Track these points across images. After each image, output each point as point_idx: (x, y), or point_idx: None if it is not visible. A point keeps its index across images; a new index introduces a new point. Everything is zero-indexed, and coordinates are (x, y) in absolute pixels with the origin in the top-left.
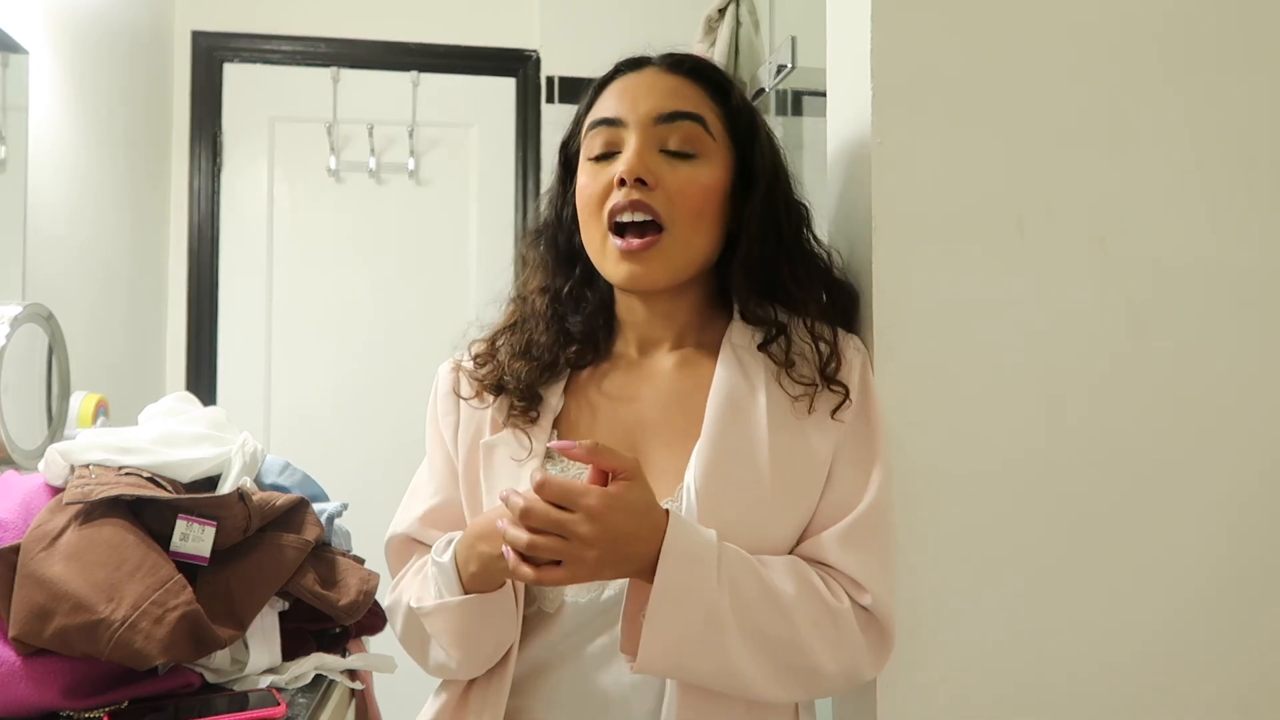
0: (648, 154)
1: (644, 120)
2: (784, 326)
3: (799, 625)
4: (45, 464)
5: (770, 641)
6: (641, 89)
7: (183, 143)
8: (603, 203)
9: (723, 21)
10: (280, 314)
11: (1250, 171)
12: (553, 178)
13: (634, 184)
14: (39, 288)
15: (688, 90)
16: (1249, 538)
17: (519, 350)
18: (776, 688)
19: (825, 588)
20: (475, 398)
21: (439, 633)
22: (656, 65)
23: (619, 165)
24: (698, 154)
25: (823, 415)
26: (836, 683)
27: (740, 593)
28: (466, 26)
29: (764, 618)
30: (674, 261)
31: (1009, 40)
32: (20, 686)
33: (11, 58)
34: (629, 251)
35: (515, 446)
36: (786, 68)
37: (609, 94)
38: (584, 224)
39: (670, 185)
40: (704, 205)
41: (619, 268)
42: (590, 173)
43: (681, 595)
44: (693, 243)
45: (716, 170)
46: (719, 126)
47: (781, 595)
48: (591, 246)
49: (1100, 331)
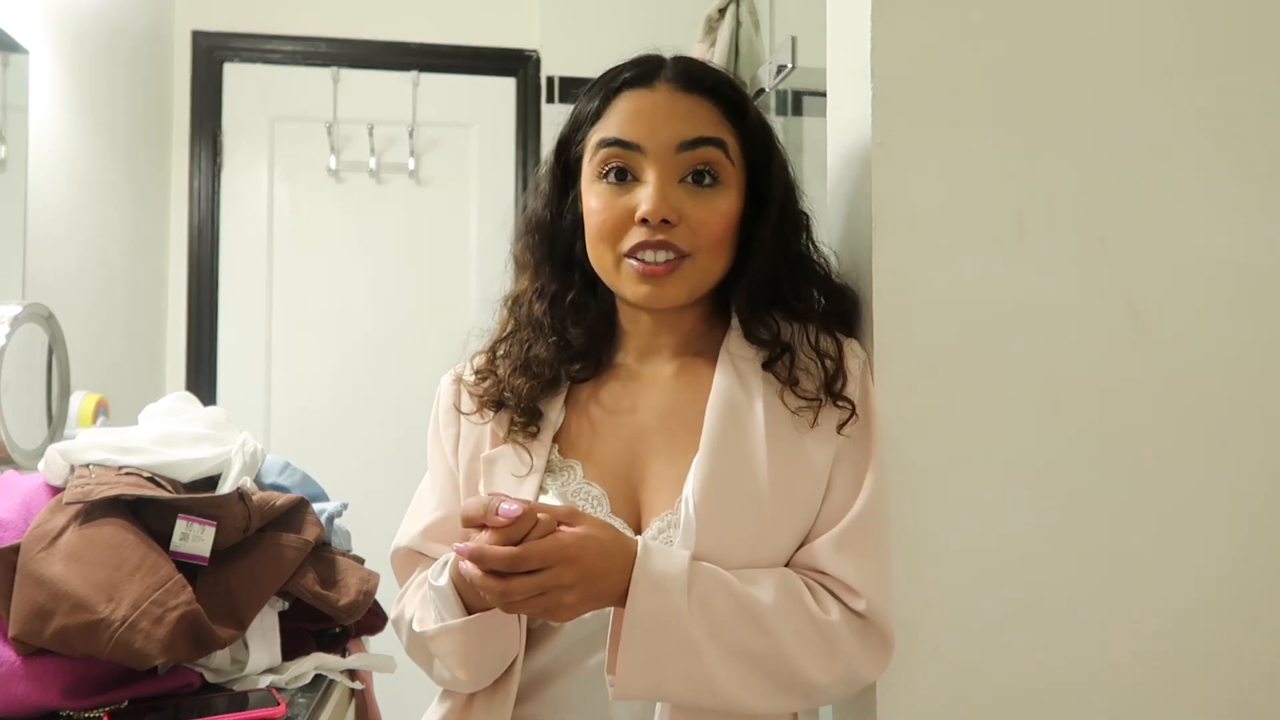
0: (669, 189)
1: (663, 149)
2: (788, 345)
3: (781, 639)
4: (45, 464)
5: (754, 657)
6: (660, 112)
7: (183, 143)
8: (617, 234)
9: (723, 21)
10: (280, 314)
11: (1251, 171)
12: (545, 176)
13: (658, 225)
14: (39, 288)
15: (706, 112)
16: (1251, 538)
17: (519, 365)
18: (768, 702)
19: (813, 601)
20: (476, 413)
21: (444, 655)
22: (671, 82)
23: (640, 202)
24: (719, 181)
25: (824, 429)
26: (834, 692)
27: (714, 614)
28: (466, 26)
29: (743, 634)
30: (693, 282)
31: (1009, 40)
32: (20, 686)
33: (11, 58)
34: (650, 275)
35: (515, 462)
36: (786, 68)
37: (621, 110)
38: (593, 244)
39: (693, 218)
40: (725, 233)
41: (638, 288)
42: (601, 197)
43: (651, 625)
44: (712, 268)
45: (734, 195)
46: (736, 148)
47: (760, 610)
48: (601, 266)
49: (1100, 331)
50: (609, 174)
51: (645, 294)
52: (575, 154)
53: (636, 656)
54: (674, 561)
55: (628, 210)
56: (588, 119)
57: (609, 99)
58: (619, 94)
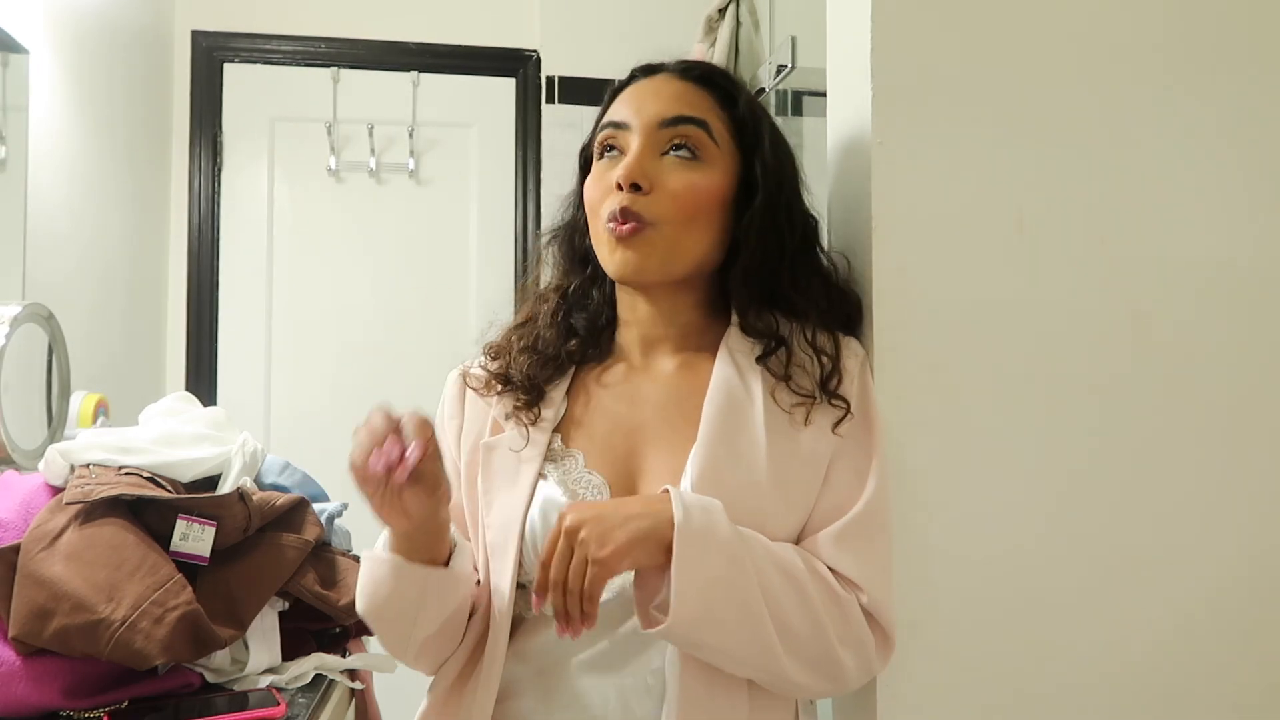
0: (647, 158)
1: (648, 124)
2: (784, 340)
3: (811, 600)
4: (45, 464)
5: (788, 610)
6: (649, 94)
7: (183, 143)
8: (600, 202)
9: (723, 21)
10: (280, 314)
11: (1251, 171)
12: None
13: (629, 189)
14: (39, 288)
15: (693, 95)
16: (1251, 537)
17: (527, 345)
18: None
19: (831, 576)
20: (484, 388)
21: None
22: (669, 71)
23: (618, 169)
24: (698, 158)
25: (821, 426)
26: (852, 673)
27: (754, 552)
28: (466, 26)
29: (779, 584)
30: (662, 254)
31: (1009, 40)
32: (20, 686)
33: (11, 58)
34: (618, 237)
35: (515, 438)
36: (786, 68)
37: (621, 98)
38: (590, 223)
39: (667, 187)
40: (698, 209)
41: (613, 257)
42: (594, 174)
43: (702, 536)
44: (683, 241)
45: (717, 176)
46: (724, 133)
47: (790, 566)
48: (595, 244)
49: (1100, 331)
50: (604, 154)
51: (619, 261)
52: (588, 153)
53: (690, 573)
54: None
55: (611, 182)
56: (600, 115)
57: (617, 93)
58: (625, 86)
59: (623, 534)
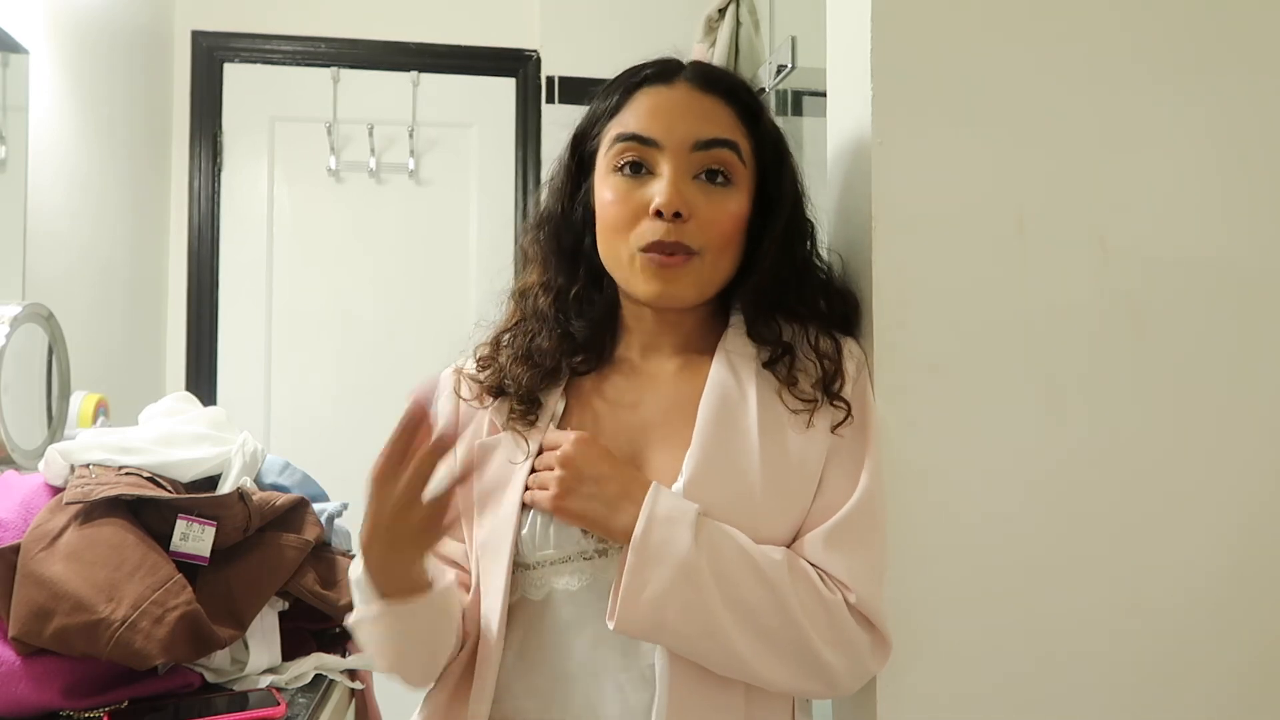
0: (683, 183)
1: (680, 146)
2: (790, 346)
3: (787, 602)
4: (45, 464)
5: (760, 613)
6: (677, 109)
7: (183, 143)
8: (630, 226)
9: (723, 21)
10: (280, 314)
11: (1251, 171)
12: (558, 170)
13: (671, 218)
14: (39, 288)
15: (722, 114)
16: (1250, 537)
17: (521, 354)
18: (778, 668)
19: (819, 578)
20: (475, 400)
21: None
22: (690, 81)
23: (655, 195)
24: (731, 183)
25: (819, 427)
26: (842, 674)
27: (721, 560)
28: (466, 26)
29: (749, 587)
30: (701, 282)
31: (1009, 41)
32: (20, 686)
33: (11, 58)
34: (660, 267)
35: (513, 450)
36: (786, 68)
37: (639, 106)
38: (605, 238)
39: (704, 215)
40: (734, 233)
41: (649, 285)
42: (617, 190)
43: (657, 551)
44: (720, 267)
45: (744, 198)
46: (748, 151)
47: (768, 571)
48: (612, 261)
49: (1100, 331)
50: (624, 167)
51: (656, 291)
52: (590, 148)
53: (638, 583)
54: (687, 505)
55: (642, 203)
56: (605, 114)
57: (628, 94)
58: (639, 89)
59: (577, 502)
